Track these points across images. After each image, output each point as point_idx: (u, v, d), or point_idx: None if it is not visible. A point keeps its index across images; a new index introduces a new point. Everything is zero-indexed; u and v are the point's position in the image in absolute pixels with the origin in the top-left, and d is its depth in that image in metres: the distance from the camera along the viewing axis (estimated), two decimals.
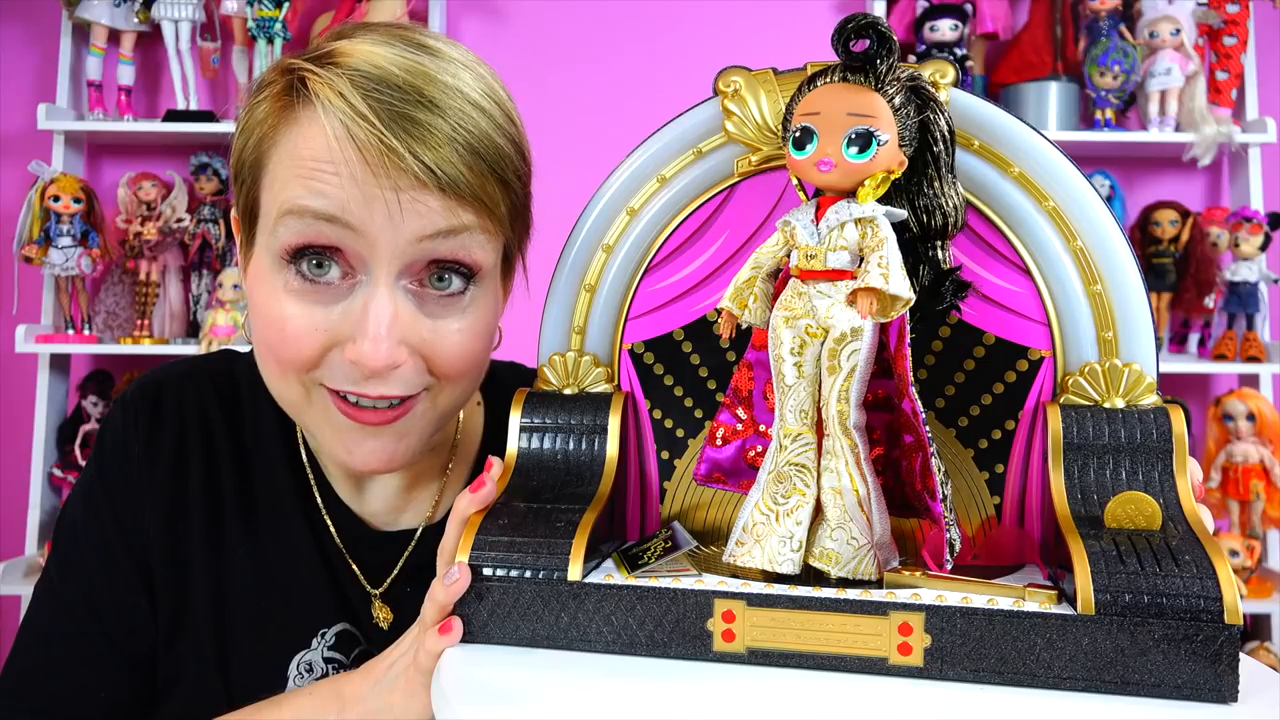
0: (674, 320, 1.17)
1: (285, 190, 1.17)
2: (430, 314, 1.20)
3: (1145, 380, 1.04)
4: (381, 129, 1.11)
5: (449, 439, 1.50)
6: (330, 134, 1.13)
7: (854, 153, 0.95)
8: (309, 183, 1.14)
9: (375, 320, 1.15)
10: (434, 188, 1.13)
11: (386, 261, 1.15)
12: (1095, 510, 0.99)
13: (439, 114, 1.14)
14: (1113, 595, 0.89)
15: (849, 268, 0.98)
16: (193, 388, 1.45)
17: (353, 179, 1.12)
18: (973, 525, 1.12)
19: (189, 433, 1.42)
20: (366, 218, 1.13)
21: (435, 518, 1.47)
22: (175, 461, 1.40)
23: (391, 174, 1.12)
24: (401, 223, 1.14)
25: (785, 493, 1.02)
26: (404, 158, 1.11)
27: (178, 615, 1.38)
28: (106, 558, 1.38)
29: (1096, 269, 1.05)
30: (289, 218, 1.16)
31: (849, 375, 0.98)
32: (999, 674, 0.91)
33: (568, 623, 0.99)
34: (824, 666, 0.95)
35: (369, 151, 1.11)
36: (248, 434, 1.45)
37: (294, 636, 1.38)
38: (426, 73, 1.17)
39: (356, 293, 1.18)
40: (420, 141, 1.12)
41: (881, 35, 0.96)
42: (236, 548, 1.39)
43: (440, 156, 1.13)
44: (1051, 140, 1.06)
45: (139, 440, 1.41)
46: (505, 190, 1.20)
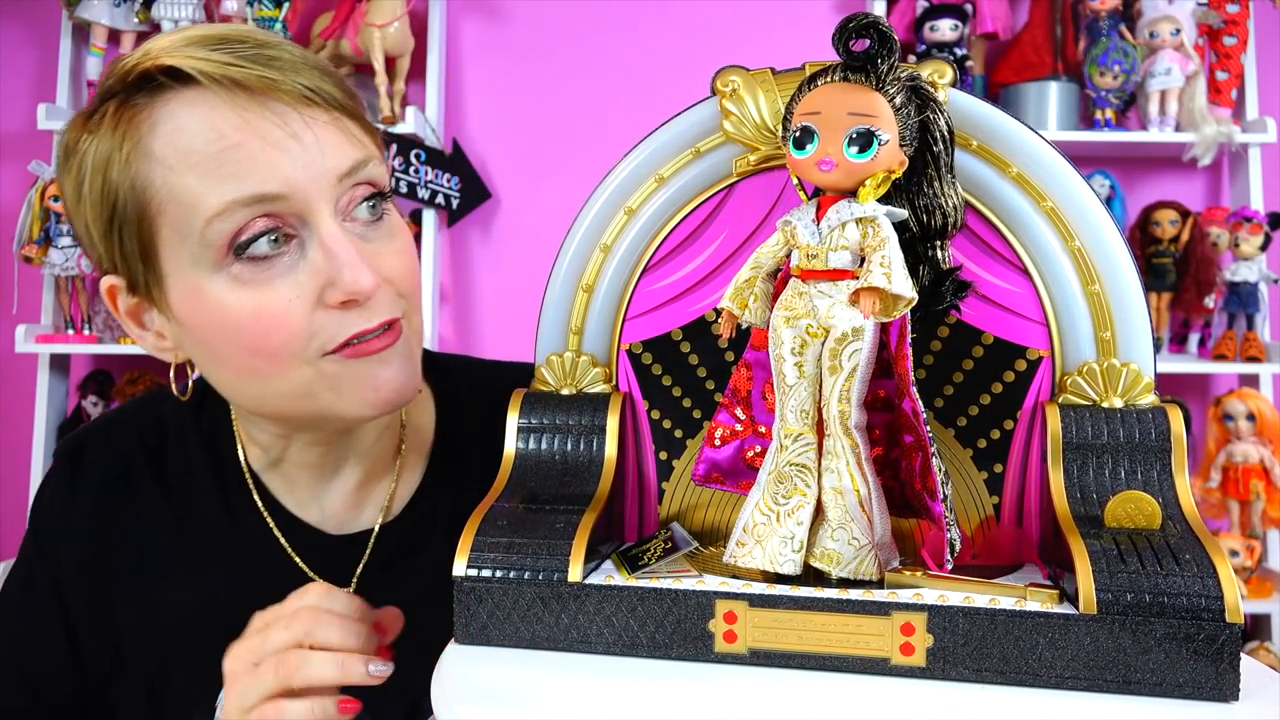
0: (672, 320, 1.17)
1: (198, 195, 1.14)
2: (368, 239, 1.23)
3: (1143, 380, 1.04)
4: (251, 67, 1.14)
5: (397, 422, 1.50)
6: (200, 104, 1.14)
7: (855, 152, 0.95)
8: (220, 170, 1.14)
9: (345, 252, 1.17)
10: (320, 104, 1.18)
11: (320, 206, 1.17)
12: (1095, 510, 0.99)
13: (280, 49, 1.19)
14: (1114, 594, 0.89)
15: (850, 267, 0.97)
16: (116, 438, 1.48)
17: (255, 134, 1.13)
18: (971, 525, 1.11)
19: (112, 481, 1.44)
20: (288, 176, 1.15)
21: (392, 513, 1.47)
22: (97, 510, 1.42)
23: (283, 101, 1.16)
24: (321, 155, 1.17)
25: (786, 493, 1.02)
26: (283, 82, 1.15)
27: (111, 660, 1.40)
28: (32, 609, 1.42)
29: (1094, 269, 1.05)
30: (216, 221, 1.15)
31: (850, 375, 0.98)
32: (1001, 674, 0.91)
33: (568, 624, 0.99)
34: (826, 667, 0.94)
35: (251, 93, 1.14)
36: (175, 475, 1.45)
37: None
38: (241, 28, 1.21)
39: (307, 249, 1.19)
40: (287, 69, 1.17)
41: (882, 35, 0.96)
42: (169, 590, 1.40)
43: (310, 77, 1.18)
44: (1050, 140, 1.06)
45: (62, 495, 1.45)
46: (356, 100, 1.26)
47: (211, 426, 1.48)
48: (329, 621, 1.14)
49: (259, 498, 1.44)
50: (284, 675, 1.11)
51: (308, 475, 1.44)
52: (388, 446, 1.49)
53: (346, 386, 1.24)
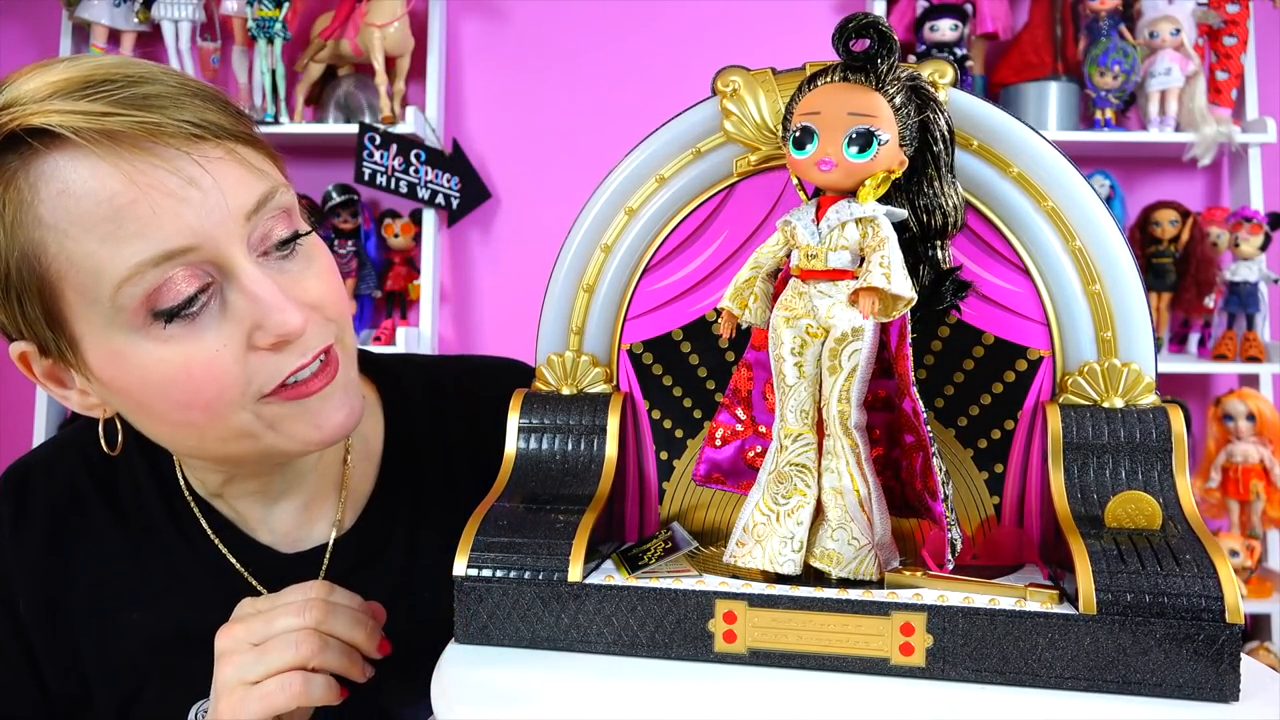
0: (673, 320, 1.17)
1: (101, 262, 1.07)
2: (288, 272, 1.18)
3: (1144, 380, 1.04)
4: (129, 113, 1.05)
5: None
6: (81, 160, 1.06)
7: (855, 152, 0.95)
8: (119, 232, 1.06)
9: (268, 293, 1.13)
10: (210, 138, 1.10)
11: (232, 250, 1.11)
12: (1095, 510, 0.99)
13: (153, 83, 1.10)
14: (1114, 595, 0.89)
15: (850, 267, 0.97)
16: (60, 466, 1.45)
17: (149, 188, 1.06)
18: (972, 525, 1.11)
19: (61, 511, 1.41)
20: (192, 225, 1.08)
21: (345, 526, 1.45)
22: (46, 542, 1.40)
23: (170, 145, 1.07)
24: (221, 198, 1.10)
25: (786, 493, 1.02)
26: (166, 124, 1.07)
27: (77, 689, 1.39)
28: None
29: (1095, 269, 1.05)
30: (125, 286, 1.08)
31: (850, 375, 0.98)
32: (1001, 674, 0.91)
33: (568, 624, 0.99)
34: (826, 667, 0.94)
35: (135, 143, 1.06)
36: (127, 501, 1.43)
37: (194, 687, 1.34)
38: (106, 63, 1.11)
39: (227, 294, 1.13)
40: (166, 108, 1.08)
41: (882, 35, 0.96)
42: (130, 614, 1.38)
43: (192, 111, 1.10)
44: (1050, 140, 1.06)
45: (7, 526, 1.41)
46: (249, 123, 1.19)
47: (155, 453, 1.44)
48: (341, 614, 1.16)
49: (208, 523, 1.41)
50: (304, 654, 1.12)
51: (251, 501, 1.42)
52: (331, 461, 1.46)
53: (288, 426, 1.21)
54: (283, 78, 3.78)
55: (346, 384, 1.25)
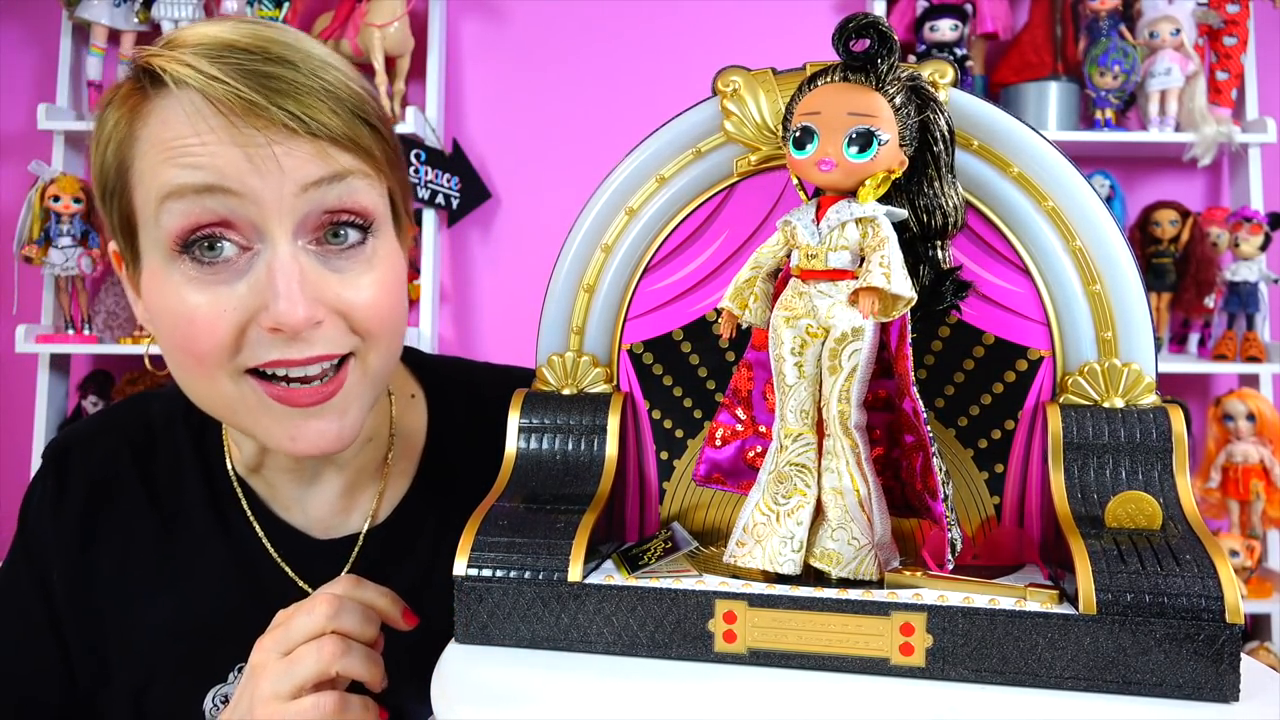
0: (673, 320, 1.17)
1: (157, 178, 1.14)
2: (337, 269, 1.19)
3: (1144, 380, 1.04)
4: (238, 85, 1.11)
5: (385, 430, 1.49)
6: (188, 105, 1.12)
7: (855, 152, 0.95)
8: (180, 160, 1.12)
9: (284, 279, 1.14)
10: (304, 134, 1.13)
11: (278, 220, 1.14)
12: (1095, 510, 0.99)
13: (291, 67, 1.14)
14: (1114, 595, 0.89)
15: (850, 267, 0.98)
16: (101, 444, 1.47)
17: (220, 142, 1.11)
18: (972, 525, 1.12)
19: (97, 490, 1.44)
20: (245, 177, 1.12)
21: (379, 519, 1.46)
22: (82, 519, 1.42)
23: (258, 126, 1.12)
24: (281, 175, 1.13)
25: (786, 493, 1.02)
26: (267, 109, 1.11)
27: (97, 668, 1.40)
28: (21, 616, 1.42)
29: (1095, 269, 1.05)
30: (168, 202, 1.13)
31: (850, 375, 0.98)
32: (1001, 674, 0.91)
33: (568, 624, 0.99)
34: (825, 667, 0.95)
35: (232, 111, 1.11)
36: (163, 480, 1.45)
37: (212, 672, 1.37)
38: (269, 35, 1.17)
39: (257, 263, 1.16)
40: (279, 93, 1.12)
41: (882, 35, 0.96)
42: (151, 592, 1.40)
43: (302, 104, 1.13)
44: (1051, 140, 1.06)
45: (48, 501, 1.44)
46: (375, 135, 1.21)
47: (201, 427, 1.48)
48: (350, 610, 1.16)
49: (245, 500, 1.44)
50: (326, 660, 1.12)
51: (287, 480, 1.43)
52: (373, 455, 1.47)
53: (266, 423, 1.22)
54: None
55: (346, 405, 1.23)
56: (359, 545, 1.44)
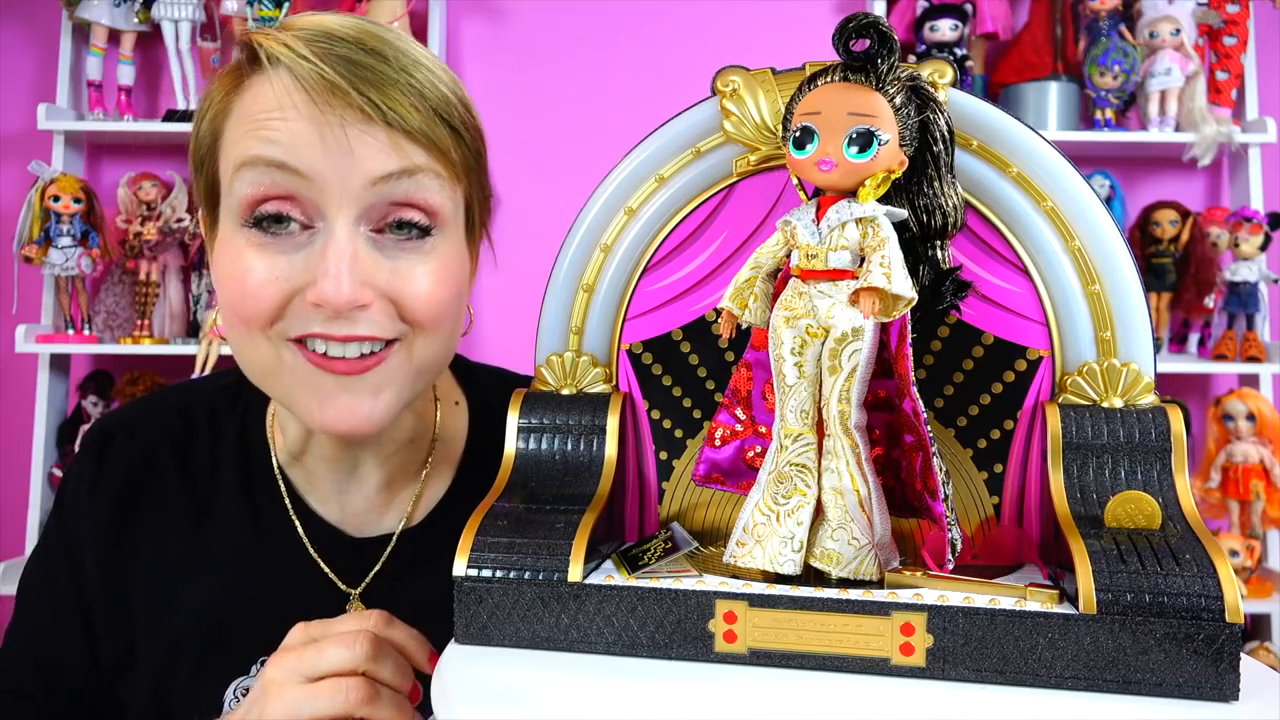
0: (672, 320, 1.17)
1: (238, 148, 1.19)
2: (392, 258, 1.21)
3: (1143, 380, 1.04)
4: (323, 66, 1.15)
5: (428, 433, 1.51)
6: (278, 83, 1.17)
7: (855, 152, 0.95)
8: (259, 133, 1.17)
9: (335, 258, 1.16)
10: (380, 123, 1.17)
11: (341, 205, 1.17)
12: (1095, 510, 0.99)
13: (380, 59, 1.18)
14: (1114, 594, 0.89)
15: (850, 267, 0.97)
16: (142, 431, 1.49)
17: (299, 119, 1.16)
18: (972, 525, 1.11)
19: (135, 476, 1.45)
20: (316, 160, 1.16)
21: (414, 520, 1.48)
22: (118, 505, 1.44)
23: (337, 109, 1.15)
24: (351, 160, 1.16)
25: (786, 493, 1.02)
26: (348, 94, 1.15)
27: (122, 653, 1.41)
28: (53, 601, 1.44)
29: (1094, 269, 1.05)
30: (243, 170, 1.18)
31: (850, 375, 0.98)
32: (1001, 674, 0.91)
33: (568, 624, 0.99)
34: (826, 667, 0.94)
35: (314, 90, 1.15)
36: (201, 470, 1.47)
37: (234, 664, 1.38)
38: (370, 29, 1.22)
39: (316, 240, 1.19)
40: (365, 81, 1.16)
41: (882, 35, 0.96)
42: (181, 581, 1.41)
43: (386, 95, 1.17)
44: (1050, 140, 1.06)
45: (86, 484, 1.45)
46: (455, 137, 1.24)
47: (245, 415, 1.51)
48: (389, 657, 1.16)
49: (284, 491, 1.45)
50: (353, 703, 1.12)
51: (328, 470, 1.45)
52: (414, 456, 1.49)
53: (299, 390, 1.24)
54: None
55: (381, 385, 1.24)
56: (392, 545, 1.45)
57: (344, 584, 1.42)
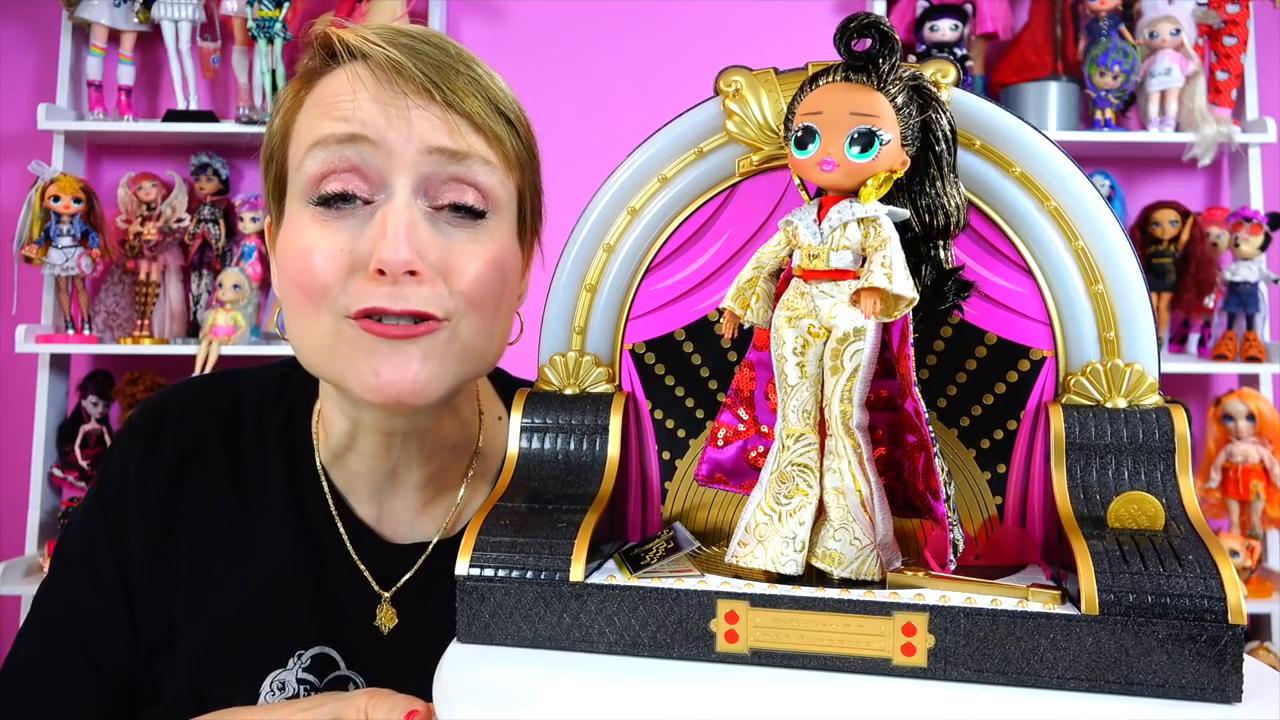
0: (675, 320, 1.17)
1: (310, 131, 1.26)
2: (446, 235, 1.26)
3: (1147, 380, 1.04)
4: (391, 50, 1.24)
5: (470, 444, 1.53)
6: (350, 72, 1.25)
7: (856, 152, 0.95)
8: (331, 114, 1.24)
9: (394, 222, 1.21)
10: (439, 102, 1.25)
11: (401, 172, 1.23)
12: (1098, 510, 0.99)
13: (443, 53, 1.28)
14: (1116, 595, 0.89)
15: (852, 267, 0.97)
16: (193, 413, 1.50)
17: (368, 99, 1.23)
18: (974, 525, 1.11)
19: (184, 459, 1.47)
20: (380, 128, 1.23)
21: (453, 529, 1.49)
22: (168, 485, 1.45)
23: (400, 84, 1.24)
24: (409, 130, 1.23)
25: (788, 493, 1.02)
26: (412, 73, 1.23)
27: (161, 633, 1.42)
28: (93, 573, 1.44)
29: (1098, 269, 1.05)
30: (314, 149, 1.25)
31: (852, 375, 0.98)
32: (1003, 674, 0.91)
33: (569, 623, 0.99)
34: (827, 667, 0.94)
35: (380, 69, 1.24)
36: (248, 454, 1.49)
37: (273, 655, 1.40)
38: (435, 32, 1.32)
39: (376, 212, 1.24)
40: (427, 64, 1.25)
41: (884, 34, 0.96)
42: (225, 567, 1.42)
43: (446, 79, 1.25)
44: (1053, 140, 1.06)
45: (136, 462, 1.46)
46: (509, 129, 1.32)
47: (291, 410, 1.53)
48: None
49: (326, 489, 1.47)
50: None
51: (369, 469, 1.46)
52: (453, 464, 1.52)
53: (355, 358, 1.25)
54: (283, 77, 3.76)
55: (428, 353, 1.26)
56: (428, 552, 1.47)
57: (379, 587, 1.44)
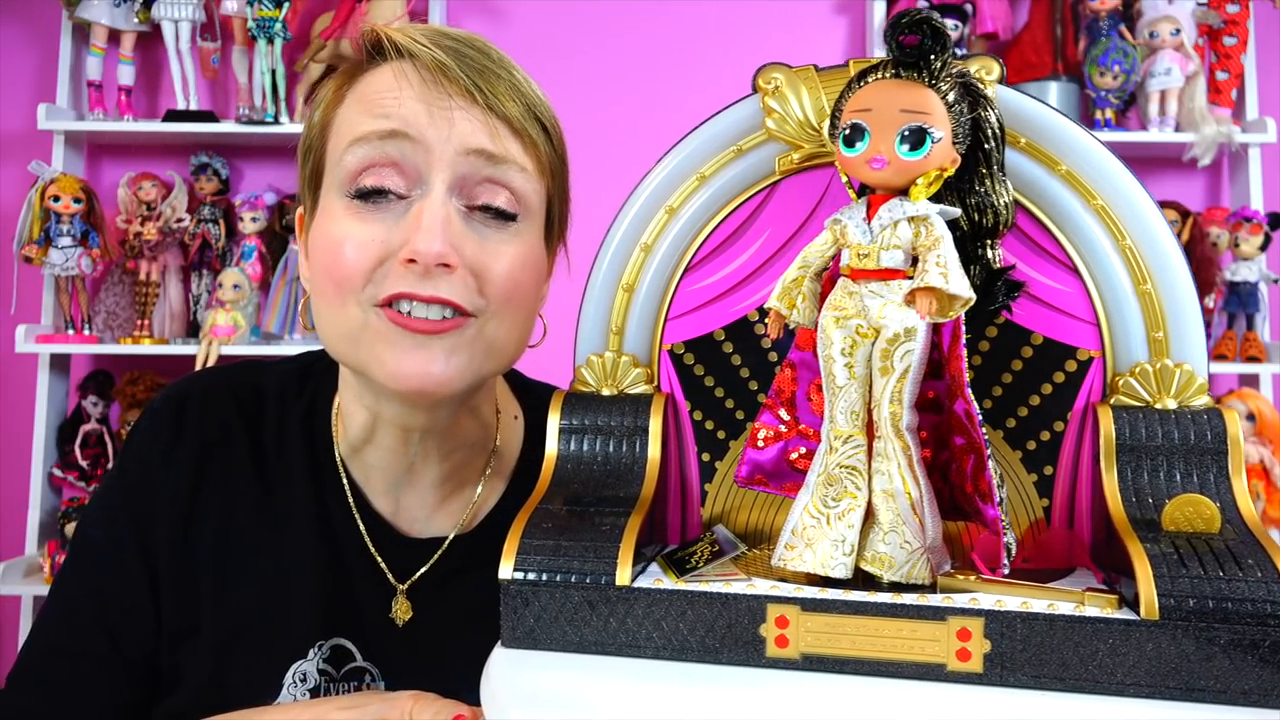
0: (714, 320, 1.16)
1: (351, 127, 1.28)
2: (479, 234, 1.27)
3: (1197, 381, 1.03)
4: (438, 51, 1.26)
5: (488, 442, 1.54)
6: (396, 69, 1.27)
7: (907, 150, 0.94)
8: (374, 110, 1.26)
9: (430, 216, 1.22)
10: (481, 105, 1.26)
11: (439, 169, 1.24)
12: (1151, 513, 0.98)
13: (486, 57, 1.30)
14: (1177, 600, 0.88)
15: (902, 267, 0.96)
16: (217, 402, 1.50)
17: (411, 96, 1.25)
18: (1021, 528, 1.10)
19: (209, 445, 1.47)
20: (422, 125, 1.24)
21: (469, 526, 1.50)
22: (193, 472, 1.45)
23: (444, 85, 1.26)
24: (450, 130, 1.25)
25: (836, 495, 1.00)
26: (454, 70, 1.25)
27: (185, 620, 1.42)
28: (116, 559, 1.43)
29: (1146, 268, 1.04)
30: (354, 145, 1.26)
31: (902, 376, 0.97)
32: (1060, 680, 0.90)
33: (616, 628, 0.98)
34: (880, 673, 0.93)
35: (425, 69, 1.26)
36: (269, 445, 1.49)
37: (293, 645, 1.40)
38: (477, 35, 1.33)
39: (411, 206, 1.25)
40: (470, 68, 1.27)
41: (935, 30, 0.95)
42: (247, 556, 1.43)
43: (488, 82, 1.27)
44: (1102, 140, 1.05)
45: (160, 448, 1.46)
46: (544, 135, 1.33)
47: (311, 402, 1.53)
48: None
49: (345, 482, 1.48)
50: None
51: (387, 463, 1.47)
52: (469, 461, 1.53)
53: (380, 348, 1.26)
54: (283, 78, 3.76)
55: (453, 350, 1.27)
56: (443, 548, 1.48)
57: (396, 580, 1.46)
